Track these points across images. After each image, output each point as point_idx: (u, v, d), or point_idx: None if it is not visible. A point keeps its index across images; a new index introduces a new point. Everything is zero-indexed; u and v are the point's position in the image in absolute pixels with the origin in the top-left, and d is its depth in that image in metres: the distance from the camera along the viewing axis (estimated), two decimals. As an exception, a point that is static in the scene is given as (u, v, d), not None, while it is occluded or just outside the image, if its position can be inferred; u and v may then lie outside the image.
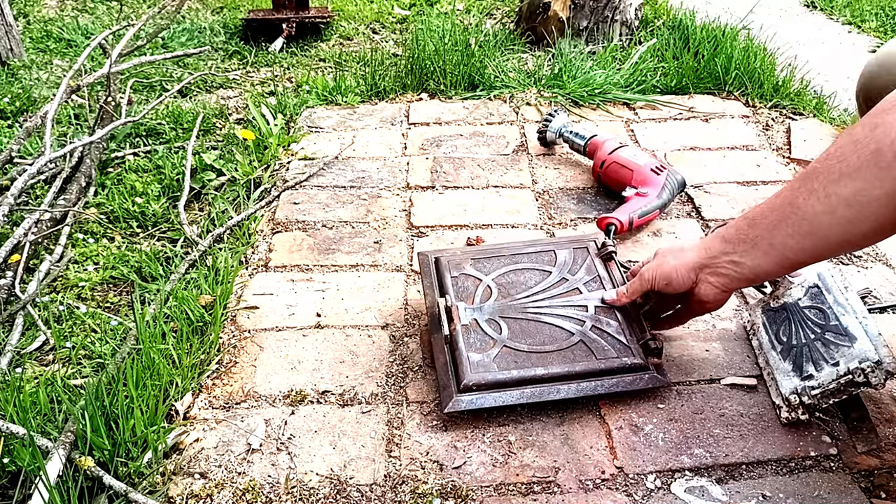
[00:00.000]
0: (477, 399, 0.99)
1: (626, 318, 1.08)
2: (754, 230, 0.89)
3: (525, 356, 1.03)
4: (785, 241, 0.86)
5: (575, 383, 1.00)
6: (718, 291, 0.96)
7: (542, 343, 1.05)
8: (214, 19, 2.67)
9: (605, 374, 1.01)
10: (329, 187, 1.57)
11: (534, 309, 1.10)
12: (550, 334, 1.06)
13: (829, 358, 0.95)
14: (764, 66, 1.98)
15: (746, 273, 0.92)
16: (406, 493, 0.90)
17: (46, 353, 1.17)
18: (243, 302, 1.23)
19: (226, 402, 1.04)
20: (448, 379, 1.02)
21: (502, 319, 1.08)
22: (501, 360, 1.02)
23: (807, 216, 0.82)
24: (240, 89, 2.16)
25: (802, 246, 0.84)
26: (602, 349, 1.04)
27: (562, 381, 1.01)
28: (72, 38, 2.47)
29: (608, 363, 1.02)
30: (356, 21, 2.69)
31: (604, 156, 1.51)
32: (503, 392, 0.99)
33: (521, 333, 1.06)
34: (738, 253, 0.91)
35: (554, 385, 1.00)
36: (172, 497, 0.90)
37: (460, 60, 2.02)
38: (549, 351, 1.04)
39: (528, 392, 0.99)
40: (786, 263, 0.88)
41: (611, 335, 1.05)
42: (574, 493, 0.90)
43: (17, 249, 1.35)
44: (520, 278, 1.15)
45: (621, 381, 1.01)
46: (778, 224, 0.86)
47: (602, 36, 2.30)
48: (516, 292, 1.13)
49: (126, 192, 1.56)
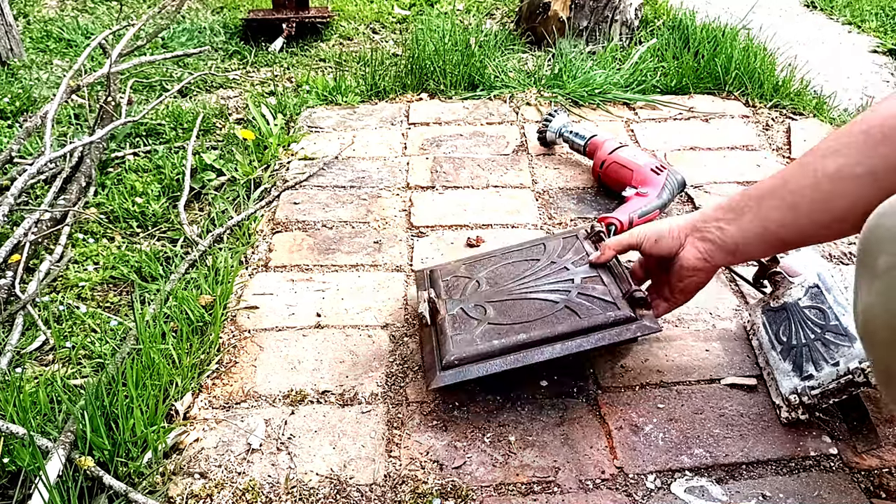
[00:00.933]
0: (459, 373, 0.97)
1: (613, 279, 1.04)
2: (745, 200, 0.92)
3: (508, 328, 1.00)
4: (769, 213, 0.88)
5: (559, 343, 0.97)
6: (701, 259, 0.96)
7: (526, 315, 1.02)
8: (214, 19, 2.67)
9: (590, 330, 0.98)
10: (329, 187, 1.57)
11: (520, 291, 1.07)
12: (536, 308, 1.03)
13: (829, 358, 0.95)
14: (764, 66, 1.98)
15: (729, 242, 0.93)
16: (406, 493, 0.90)
17: (46, 353, 1.17)
18: (243, 302, 1.23)
19: (226, 402, 1.04)
20: (433, 361, 1.01)
21: (489, 304, 1.06)
22: (485, 335, 1.00)
23: (793, 189, 0.86)
24: (240, 89, 2.16)
25: (784, 219, 0.87)
26: (587, 309, 1.00)
27: (545, 343, 0.98)
28: (72, 38, 2.47)
29: (592, 320, 0.98)
30: (356, 21, 2.69)
31: (604, 156, 1.51)
32: (486, 362, 0.97)
33: (505, 312, 1.04)
34: (726, 220, 0.94)
35: (538, 348, 0.97)
36: (172, 497, 0.90)
37: (460, 60, 2.02)
38: (533, 320, 1.01)
39: (511, 358, 0.97)
40: (767, 237, 0.90)
41: (596, 297, 1.02)
42: (574, 493, 0.90)
43: (17, 249, 1.35)
44: (509, 270, 1.13)
45: (608, 333, 0.97)
46: (766, 195, 0.89)
47: (602, 36, 2.30)
48: (504, 282, 1.11)
49: (126, 192, 1.56)
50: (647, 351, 1.12)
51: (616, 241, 1.05)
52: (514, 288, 1.08)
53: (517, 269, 1.13)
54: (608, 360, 1.10)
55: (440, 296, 1.11)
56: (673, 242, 0.99)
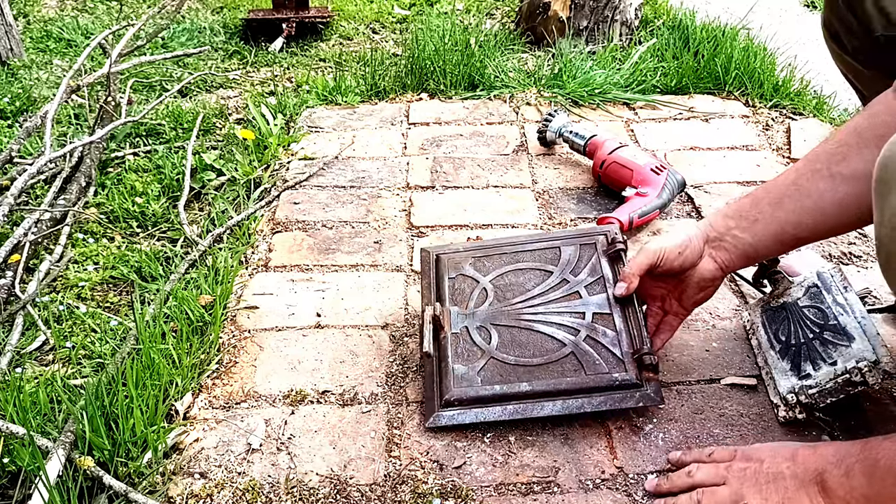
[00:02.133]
0: (458, 415, 0.98)
1: (626, 326, 1.01)
2: (757, 207, 0.93)
3: (511, 369, 1.00)
4: (787, 217, 0.91)
5: (560, 400, 0.97)
6: (718, 269, 0.98)
7: (531, 355, 1.01)
8: (214, 19, 2.67)
9: (594, 391, 0.96)
10: (329, 187, 1.57)
11: (528, 315, 1.06)
12: (541, 345, 1.02)
13: (827, 357, 0.95)
14: (764, 66, 1.98)
15: (747, 248, 0.95)
16: (406, 493, 0.90)
17: (46, 353, 1.17)
18: (243, 302, 1.23)
19: (226, 402, 1.04)
20: (432, 391, 1.01)
21: (493, 327, 1.05)
22: (486, 373, 1.00)
23: (811, 193, 0.88)
24: (240, 89, 2.16)
25: (802, 221, 0.90)
26: (593, 363, 0.98)
27: (547, 397, 0.97)
28: (72, 38, 2.47)
29: (597, 379, 0.97)
30: (356, 21, 2.70)
31: (604, 156, 1.51)
32: (485, 408, 0.97)
33: (510, 343, 1.03)
34: (741, 228, 0.95)
35: (539, 402, 0.97)
36: (172, 497, 0.90)
37: (460, 60, 2.02)
38: (537, 364, 1.00)
39: (511, 409, 0.97)
40: (784, 238, 0.93)
41: (605, 346, 1.00)
42: (574, 493, 0.90)
43: (17, 249, 1.35)
44: (519, 279, 1.11)
45: (610, 398, 0.96)
46: (781, 200, 0.91)
47: (602, 36, 2.30)
48: (513, 296, 1.09)
49: (126, 192, 1.56)
50: (646, 351, 1.12)
51: (638, 267, 1.00)
52: (523, 308, 1.07)
53: (527, 282, 1.10)
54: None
55: (444, 302, 1.09)
56: (694, 256, 0.97)
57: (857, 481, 0.75)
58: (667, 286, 1.04)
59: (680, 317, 1.05)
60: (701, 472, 0.86)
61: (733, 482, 0.83)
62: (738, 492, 0.82)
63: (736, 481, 0.83)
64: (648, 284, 1.04)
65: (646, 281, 1.03)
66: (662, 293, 1.05)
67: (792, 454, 0.83)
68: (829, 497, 0.77)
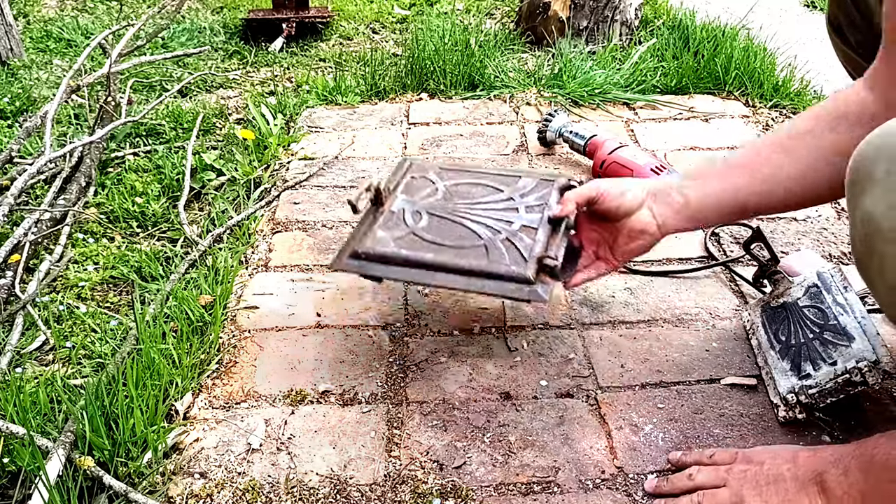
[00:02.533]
0: (361, 266, 1.02)
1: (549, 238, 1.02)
2: (713, 167, 0.95)
3: (425, 244, 1.03)
4: (738, 182, 0.93)
5: (452, 276, 0.99)
6: (653, 221, 0.97)
7: (447, 238, 1.04)
8: (214, 19, 2.67)
9: (490, 276, 0.97)
10: (329, 187, 1.57)
11: (462, 212, 1.09)
12: (461, 234, 1.04)
13: (827, 357, 0.95)
14: (764, 66, 1.98)
15: (691, 204, 0.96)
16: (406, 492, 0.91)
17: (46, 353, 1.17)
18: (243, 302, 1.23)
19: (226, 402, 1.04)
20: (348, 245, 1.05)
21: (427, 214, 1.08)
22: (402, 242, 1.03)
23: (770, 161, 0.92)
24: (240, 89, 2.16)
25: (756, 189, 0.93)
26: (499, 255, 1.00)
27: (443, 270, 0.99)
28: (72, 38, 2.47)
29: (495, 267, 0.98)
30: (356, 21, 2.70)
31: (604, 156, 1.51)
32: (388, 267, 1.01)
33: (435, 227, 1.06)
34: (688, 186, 0.96)
35: (434, 273, 0.99)
36: (172, 497, 0.90)
37: (460, 60, 2.02)
38: (449, 245, 1.03)
39: (412, 273, 1.01)
40: (733, 204, 0.95)
41: (517, 248, 1.01)
42: (574, 493, 0.90)
43: (17, 249, 1.35)
44: (471, 190, 1.15)
45: (501, 286, 0.97)
46: (738, 166, 0.94)
47: (602, 36, 2.30)
48: (459, 199, 1.12)
49: (126, 192, 1.56)
50: (647, 351, 1.12)
51: (577, 193, 1.01)
52: (461, 208, 1.10)
53: (477, 193, 1.14)
54: (609, 359, 1.11)
55: (392, 190, 1.13)
56: (633, 202, 0.97)
57: (853, 477, 0.76)
58: (601, 231, 1.03)
59: (610, 265, 1.04)
60: (702, 474, 0.87)
61: (734, 484, 0.83)
62: (738, 493, 0.82)
63: (736, 483, 0.83)
64: (585, 226, 1.05)
65: (584, 222, 1.04)
66: (597, 238, 1.04)
67: (792, 456, 0.83)
68: (828, 497, 0.77)
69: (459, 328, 1.18)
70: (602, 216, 1.01)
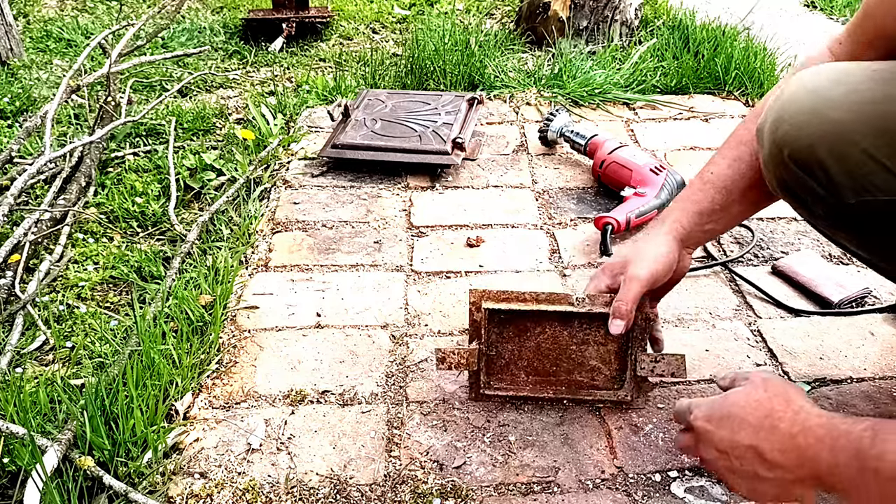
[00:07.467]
0: (340, 152, 1.59)
1: (461, 128, 1.64)
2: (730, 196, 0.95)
3: (381, 137, 1.62)
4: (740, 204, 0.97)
5: (402, 154, 1.58)
6: (690, 260, 1.01)
7: (396, 133, 1.63)
8: (214, 19, 2.67)
9: (423, 153, 1.57)
10: (329, 187, 1.57)
11: (404, 118, 1.69)
12: (403, 131, 1.64)
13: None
14: (764, 66, 1.98)
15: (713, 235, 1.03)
16: (406, 492, 0.90)
17: (46, 353, 1.17)
18: (243, 302, 1.23)
19: (226, 402, 1.04)
20: (329, 141, 1.62)
21: (381, 120, 1.68)
22: (364, 136, 1.61)
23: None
24: (240, 89, 2.16)
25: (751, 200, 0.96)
26: (429, 140, 1.60)
27: (393, 151, 1.58)
28: (72, 38, 2.47)
29: (426, 146, 1.58)
30: (356, 21, 2.70)
31: (604, 155, 1.51)
32: (356, 151, 1.58)
33: (386, 127, 1.65)
34: (714, 221, 0.97)
35: (388, 153, 1.58)
36: (172, 497, 0.90)
37: (460, 60, 2.02)
38: (397, 136, 1.62)
39: (371, 154, 1.58)
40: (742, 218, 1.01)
41: (440, 135, 1.61)
42: (574, 493, 0.90)
43: (17, 249, 1.35)
44: (409, 105, 1.76)
45: (428, 156, 1.57)
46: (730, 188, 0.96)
47: (602, 36, 2.30)
48: (401, 111, 1.73)
49: (126, 192, 1.56)
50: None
51: (633, 300, 0.93)
52: (402, 115, 1.71)
53: (413, 106, 1.75)
54: (608, 359, 1.10)
55: (356, 107, 1.72)
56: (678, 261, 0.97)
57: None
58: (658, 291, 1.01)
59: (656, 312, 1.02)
60: None
61: None
62: None
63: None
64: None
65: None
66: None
67: None
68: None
69: (459, 328, 1.18)
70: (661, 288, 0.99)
